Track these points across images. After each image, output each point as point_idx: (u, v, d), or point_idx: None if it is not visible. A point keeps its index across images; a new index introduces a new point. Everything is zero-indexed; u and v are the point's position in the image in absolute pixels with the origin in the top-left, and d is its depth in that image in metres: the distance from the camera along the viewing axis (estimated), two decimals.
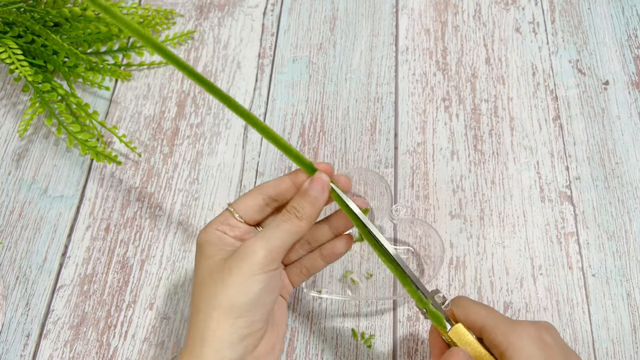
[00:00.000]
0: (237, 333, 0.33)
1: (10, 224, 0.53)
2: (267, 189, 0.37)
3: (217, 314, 0.33)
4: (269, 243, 0.34)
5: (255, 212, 0.38)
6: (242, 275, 0.34)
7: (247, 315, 0.34)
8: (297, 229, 0.35)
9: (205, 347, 0.33)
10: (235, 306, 0.33)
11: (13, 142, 0.57)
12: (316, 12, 0.64)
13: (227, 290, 0.34)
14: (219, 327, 0.33)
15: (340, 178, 0.38)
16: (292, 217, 0.35)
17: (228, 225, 0.37)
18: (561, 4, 0.63)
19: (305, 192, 0.36)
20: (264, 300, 0.35)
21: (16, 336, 0.48)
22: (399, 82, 0.59)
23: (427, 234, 0.50)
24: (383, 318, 0.47)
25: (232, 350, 0.33)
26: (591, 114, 0.56)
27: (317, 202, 0.36)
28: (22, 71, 0.52)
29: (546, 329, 0.35)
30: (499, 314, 0.36)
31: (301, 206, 0.36)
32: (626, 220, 0.51)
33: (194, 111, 0.58)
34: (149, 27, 0.62)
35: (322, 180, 0.36)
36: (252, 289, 0.34)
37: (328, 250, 0.39)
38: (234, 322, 0.33)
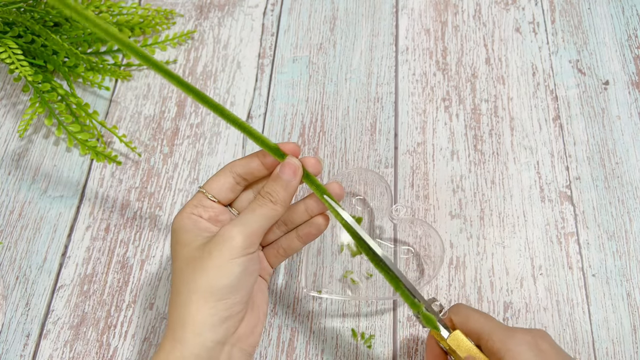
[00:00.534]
0: (217, 315, 0.34)
1: (10, 224, 0.53)
2: (236, 168, 0.38)
3: (196, 297, 0.34)
4: (246, 228, 0.35)
5: (228, 191, 0.38)
6: (221, 259, 0.34)
7: (228, 298, 0.34)
8: (273, 213, 0.36)
9: (186, 330, 0.34)
10: (215, 289, 0.34)
11: (13, 142, 0.57)
12: (316, 12, 0.64)
13: (206, 274, 0.34)
14: (199, 310, 0.34)
15: (309, 160, 0.38)
16: (267, 202, 0.36)
17: (202, 207, 0.38)
18: (561, 4, 0.63)
19: (277, 176, 0.36)
20: (243, 283, 0.35)
21: (16, 336, 0.48)
22: (399, 82, 0.59)
23: (427, 234, 0.50)
24: (383, 318, 0.47)
25: (213, 332, 0.34)
26: (591, 114, 0.56)
27: (289, 186, 0.36)
28: (22, 71, 0.52)
29: (542, 336, 0.35)
30: (497, 321, 0.36)
31: (275, 191, 0.36)
32: (626, 220, 0.51)
33: (194, 111, 0.58)
34: (149, 27, 0.62)
35: (292, 165, 0.36)
36: (232, 272, 0.34)
37: (304, 231, 0.40)
38: (214, 305, 0.34)
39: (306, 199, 0.40)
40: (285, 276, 0.50)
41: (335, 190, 0.38)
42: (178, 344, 0.34)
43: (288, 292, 0.49)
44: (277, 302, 0.49)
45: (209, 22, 0.64)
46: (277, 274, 0.50)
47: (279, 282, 0.49)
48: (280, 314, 0.48)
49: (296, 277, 0.50)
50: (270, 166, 0.37)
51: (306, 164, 0.37)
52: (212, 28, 0.64)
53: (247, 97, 0.59)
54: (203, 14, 0.64)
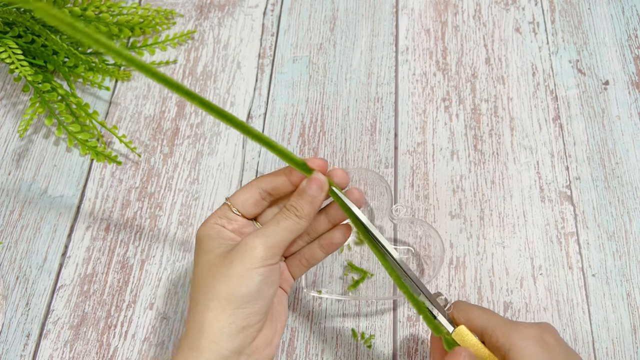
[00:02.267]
0: (235, 324, 0.34)
1: (10, 224, 0.53)
2: (263, 183, 0.38)
3: (215, 305, 0.34)
4: (269, 240, 0.35)
5: (252, 206, 0.38)
6: (242, 268, 0.34)
7: (246, 307, 0.34)
8: (297, 227, 0.36)
9: (202, 338, 0.33)
10: (234, 297, 0.34)
11: (13, 142, 0.57)
12: (316, 12, 0.64)
13: (227, 282, 0.34)
14: (216, 318, 0.34)
15: (337, 172, 0.38)
16: (291, 215, 0.36)
17: (226, 219, 0.38)
18: (561, 4, 0.63)
19: (303, 191, 0.36)
20: (263, 293, 0.35)
21: (16, 336, 0.48)
22: (399, 82, 0.59)
23: (427, 234, 0.50)
24: (383, 318, 0.47)
25: (230, 341, 0.33)
26: (591, 114, 0.56)
27: (315, 201, 0.36)
28: (22, 71, 0.52)
29: (547, 329, 0.35)
30: (500, 316, 0.36)
31: (300, 205, 0.36)
32: (626, 220, 0.51)
33: (194, 111, 0.58)
34: (149, 27, 0.62)
35: (319, 181, 0.36)
36: (252, 281, 0.34)
37: (326, 241, 0.40)
38: (232, 313, 0.34)
39: (328, 208, 0.40)
40: None
41: (354, 196, 0.38)
42: (194, 352, 0.33)
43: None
44: None
45: (209, 22, 0.64)
46: None
47: None
48: None
49: (294, 283, 0.50)
50: (296, 182, 0.37)
51: (334, 176, 0.38)
52: (212, 28, 0.64)
53: (247, 97, 0.59)
54: (203, 14, 0.64)
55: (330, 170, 0.38)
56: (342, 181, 0.38)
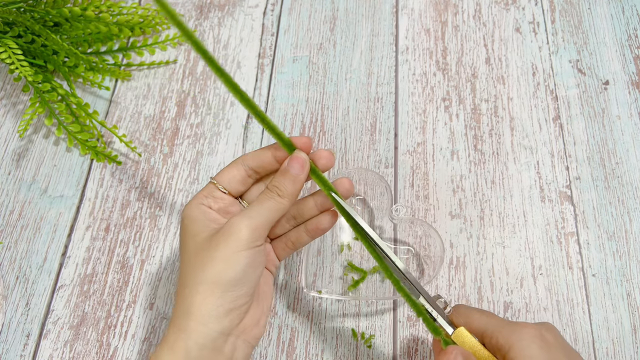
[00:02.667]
0: (222, 307, 0.34)
1: (10, 224, 0.53)
2: (248, 161, 0.38)
3: (203, 288, 0.34)
4: (253, 221, 0.35)
5: (238, 183, 0.38)
6: (227, 251, 0.34)
7: (233, 290, 0.34)
8: (280, 207, 0.36)
9: (190, 320, 0.34)
10: (221, 281, 0.34)
11: (13, 142, 0.57)
12: (316, 12, 0.64)
13: (214, 266, 0.34)
14: (204, 301, 0.34)
15: (322, 153, 0.38)
16: (274, 195, 0.36)
17: (212, 198, 0.38)
18: (561, 4, 0.63)
19: (285, 170, 0.36)
20: (249, 275, 0.35)
21: (16, 336, 0.48)
22: (399, 82, 0.59)
23: (427, 234, 0.50)
24: (383, 318, 0.47)
25: (218, 323, 0.34)
26: (591, 114, 0.56)
27: (297, 180, 0.36)
28: (22, 71, 0.52)
29: (547, 329, 0.35)
30: (499, 318, 0.36)
31: (282, 184, 0.36)
32: (626, 220, 0.51)
33: (194, 111, 0.58)
34: (149, 27, 0.62)
35: (300, 159, 0.36)
36: (238, 264, 0.34)
37: (313, 226, 0.40)
38: (220, 296, 0.34)
39: (316, 193, 0.40)
40: (285, 276, 0.50)
41: (345, 186, 0.38)
42: (182, 334, 0.34)
43: (288, 292, 0.49)
44: (277, 302, 0.49)
45: (209, 22, 0.64)
46: (278, 274, 0.50)
47: (279, 282, 0.49)
48: (280, 314, 0.48)
49: (296, 277, 0.50)
50: (281, 160, 0.37)
51: (319, 156, 0.37)
52: (212, 28, 0.64)
53: None
54: (203, 14, 0.64)
55: (315, 152, 0.38)
56: (327, 163, 0.38)
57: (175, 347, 0.34)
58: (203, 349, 0.34)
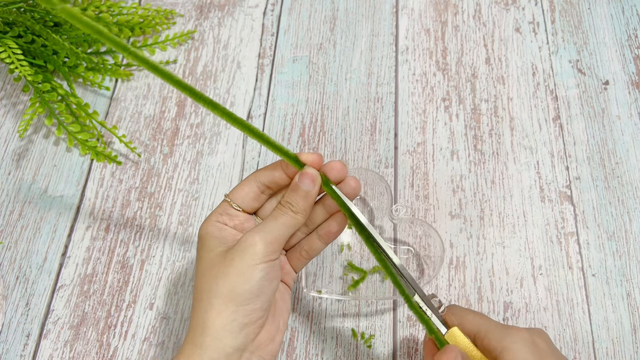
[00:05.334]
0: (237, 321, 0.34)
1: (10, 224, 0.53)
2: (260, 177, 0.38)
3: (218, 302, 0.34)
4: (268, 235, 0.35)
5: (252, 200, 0.38)
6: (242, 265, 0.34)
7: (248, 304, 0.34)
8: (294, 222, 0.36)
9: (206, 335, 0.34)
10: (236, 294, 0.34)
11: (13, 142, 0.57)
12: (316, 12, 0.64)
13: (228, 279, 0.34)
14: (219, 315, 0.34)
15: (335, 165, 0.37)
16: (287, 211, 0.36)
17: (227, 215, 0.38)
18: (561, 4, 0.63)
19: (296, 186, 0.36)
20: (265, 289, 0.35)
21: (16, 336, 0.48)
22: (399, 82, 0.59)
23: (427, 234, 0.50)
24: (383, 318, 0.47)
25: (233, 338, 0.34)
26: (591, 114, 0.56)
27: (309, 196, 0.36)
28: (22, 71, 0.52)
29: (539, 334, 0.36)
30: (493, 320, 0.37)
31: (295, 200, 0.36)
32: (626, 220, 0.51)
33: (194, 111, 0.58)
34: (149, 27, 0.62)
35: (310, 175, 0.36)
36: (253, 278, 0.34)
37: (324, 230, 0.40)
38: (235, 310, 0.34)
39: (324, 198, 0.40)
40: None
41: (350, 185, 0.38)
42: (197, 349, 0.34)
43: None
44: None
45: (209, 22, 0.64)
46: None
47: None
48: None
49: (296, 277, 0.50)
50: (292, 176, 0.37)
51: (331, 168, 0.37)
52: (212, 28, 0.64)
53: (247, 97, 0.59)
54: (203, 14, 0.64)
55: (327, 163, 0.38)
56: (339, 174, 0.38)
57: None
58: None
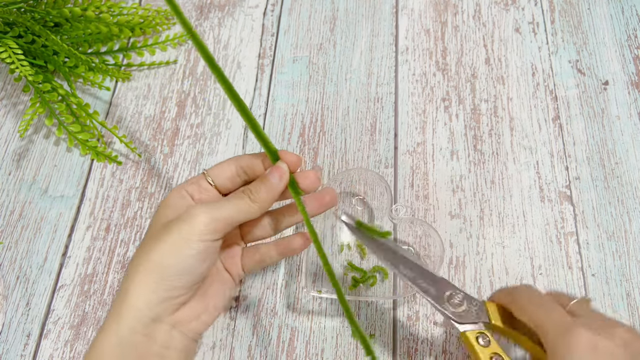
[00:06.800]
0: (156, 294, 0.33)
1: (10, 224, 0.53)
2: (241, 160, 0.38)
3: (143, 269, 0.33)
4: (214, 213, 0.34)
5: (227, 180, 0.38)
6: (177, 237, 0.33)
7: (172, 279, 0.34)
8: (247, 208, 0.36)
9: (125, 302, 0.33)
10: (162, 266, 0.33)
11: (13, 142, 0.58)
12: (316, 12, 0.64)
13: (159, 249, 0.34)
14: (140, 283, 0.33)
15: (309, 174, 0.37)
16: (245, 197, 0.36)
17: (197, 186, 0.38)
18: (561, 4, 0.63)
19: (264, 177, 0.36)
20: (193, 268, 0.34)
21: (16, 336, 0.48)
22: (399, 82, 0.59)
23: (427, 233, 0.50)
24: (383, 318, 0.48)
25: (149, 309, 0.33)
26: (591, 114, 0.56)
27: (272, 189, 0.36)
28: (22, 71, 0.52)
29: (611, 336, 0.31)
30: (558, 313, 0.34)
31: (257, 189, 0.36)
32: (626, 220, 0.51)
33: (194, 111, 0.58)
34: (149, 28, 0.62)
35: (281, 170, 0.36)
36: (183, 253, 0.33)
37: (284, 244, 0.39)
38: (157, 282, 0.33)
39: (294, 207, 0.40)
40: (285, 276, 0.50)
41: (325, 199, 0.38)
42: (117, 317, 0.33)
43: (288, 292, 0.49)
44: (277, 302, 0.49)
45: (209, 22, 0.64)
46: (277, 274, 0.50)
47: (279, 282, 0.49)
48: (280, 314, 0.48)
49: (296, 277, 0.50)
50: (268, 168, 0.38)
51: (305, 176, 0.37)
52: (212, 28, 0.64)
53: (247, 97, 0.59)
54: (203, 14, 0.65)
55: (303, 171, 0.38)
56: (310, 184, 0.37)
57: (109, 330, 0.33)
58: (134, 333, 0.33)
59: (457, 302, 0.39)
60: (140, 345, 0.33)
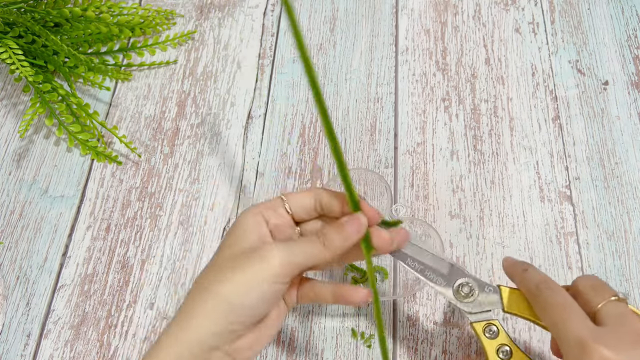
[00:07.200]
0: (221, 326, 0.34)
1: (10, 224, 0.53)
2: (321, 195, 0.38)
3: (212, 302, 0.34)
4: (287, 256, 0.34)
5: (304, 211, 0.38)
6: (251, 276, 0.34)
7: (239, 316, 0.34)
8: (319, 255, 0.35)
9: (191, 325, 0.34)
10: (231, 303, 0.34)
11: (14, 142, 0.58)
12: (316, 12, 0.64)
13: (231, 286, 0.34)
14: (208, 314, 0.34)
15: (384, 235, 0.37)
16: (319, 243, 0.35)
17: (274, 212, 0.37)
18: (561, 5, 0.63)
19: (341, 225, 0.36)
20: (260, 308, 0.35)
21: (17, 336, 0.48)
22: (399, 82, 0.59)
23: (427, 233, 0.50)
24: (383, 318, 0.47)
25: (212, 338, 0.34)
26: (591, 114, 0.56)
27: (347, 239, 0.35)
28: (22, 71, 0.52)
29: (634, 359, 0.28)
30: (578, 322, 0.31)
31: (332, 237, 0.35)
32: (625, 220, 0.51)
33: (195, 111, 0.58)
34: (150, 28, 0.62)
35: (359, 222, 0.36)
36: (255, 294, 0.34)
37: (341, 293, 0.38)
38: (224, 315, 0.34)
39: None
40: None
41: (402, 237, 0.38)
42: (180, 335, 0.34)
43: None
44: None
45: (209, 22, 0.64)
46: None
47: None
48: None
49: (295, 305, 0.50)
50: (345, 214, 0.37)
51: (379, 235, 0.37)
52: (212, 28, 0.64)
53: (247, 97, 0.59)
54: (203, 15, 0.65)
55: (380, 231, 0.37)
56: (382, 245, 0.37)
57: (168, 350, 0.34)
58: (194, 357, 0.34)
59: (468, 292, 0.38)
60: None
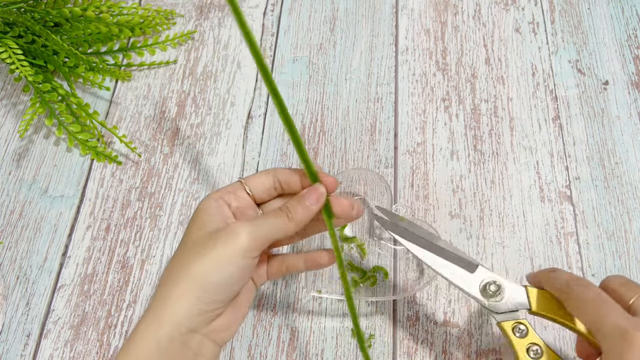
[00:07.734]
0: (197, 307, 0.34)
1: (10, 224, 0.53)
2: (279, 174, 0.39)
3: (185, 282, 0.34)
4: (255, 231, 0.35)
5: (263, 191, 0.39)
6: (221, 254, 0.34)
7: (212, 294, 0.35)
8: (284, 227, 0.36)
9: (165, 311, 0.34)
10: (205, 281, 0.34)
11: (13, 142, 0.58)
12: (316, 12, 0.64)
13: (202, 264, 0.34)
14: (182, 296, 0.34)
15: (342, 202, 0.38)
16: (283, 216, 0.37)
17: (234, 196, 0.38)
18: (561, 4, 0.63)
19: (301, 197, 0.37)
20: (233, 285, 0.35)
21: (16, 336, 0.48)
22: (399, 82, 0.59)
23: None
24: (383, 318, 0.48)
25: (189, 320, 0.34)
26: (591, 114, 0.56)
27: (308, 210, 0.37)
28: (22, 71, 0.52)
29: None
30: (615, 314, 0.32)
31: (294, 209, 0.37)
32: (626, 220, 0.51)
33: (194, 111, 0.58)
34: (150, 28, 0.62)
35: (318, 192, 0.37)
36: (226, 270, 0.34)
37: (311, 259, 0.40)
38: (199, 296, 0.34)
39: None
40: (285, 276, 0.50)
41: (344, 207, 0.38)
42: (156, 323, 0.34)
43: (288, 292, 0.49)
44: (277, 302, 0.49)
45: (209, 22, 0.64)
46: None
47: (279, 282, 0.50)
48: (280, 314, 0.48)
49: (296, 277, 0.50)
50: (305, 187, 0.38)
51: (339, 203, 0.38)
52: (212, 28, 0.64)
53: (247, 97, 0.59)
54: (203, 14, 0.65)
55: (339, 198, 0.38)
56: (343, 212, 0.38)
57: (147, 335, 0.34)
58: (172, 340, 0.34)
59: (495, 290, 0.38)
60: (176, 352, 0.34)
